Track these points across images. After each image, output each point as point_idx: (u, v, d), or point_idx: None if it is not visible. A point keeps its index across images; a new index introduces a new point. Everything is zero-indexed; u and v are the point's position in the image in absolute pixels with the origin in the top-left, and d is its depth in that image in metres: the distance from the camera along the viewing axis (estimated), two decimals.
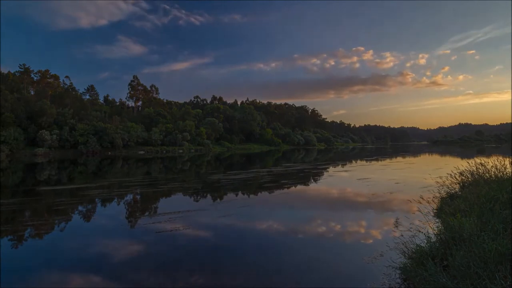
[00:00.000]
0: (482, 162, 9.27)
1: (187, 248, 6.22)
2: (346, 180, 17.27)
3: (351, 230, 7.39)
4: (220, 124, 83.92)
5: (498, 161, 8.84)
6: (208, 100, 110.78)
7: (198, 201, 11.45)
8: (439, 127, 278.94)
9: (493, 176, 7.85)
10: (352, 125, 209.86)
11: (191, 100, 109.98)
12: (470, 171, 9.28)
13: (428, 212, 7.45)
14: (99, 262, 5.44)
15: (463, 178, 9.37)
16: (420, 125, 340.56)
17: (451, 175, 9.66)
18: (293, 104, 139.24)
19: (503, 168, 8.07)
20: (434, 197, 9.40)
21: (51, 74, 73.97)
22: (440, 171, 14.09)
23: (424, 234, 5.06)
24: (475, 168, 9.16)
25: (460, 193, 8.51)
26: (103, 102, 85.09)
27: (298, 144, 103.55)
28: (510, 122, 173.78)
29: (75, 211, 9.67)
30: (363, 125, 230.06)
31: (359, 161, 34.76)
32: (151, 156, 45.94)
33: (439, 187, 10.10)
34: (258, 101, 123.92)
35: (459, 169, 9.73)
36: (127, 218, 8.83)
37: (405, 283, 4.27)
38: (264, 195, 12.45)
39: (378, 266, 4.94)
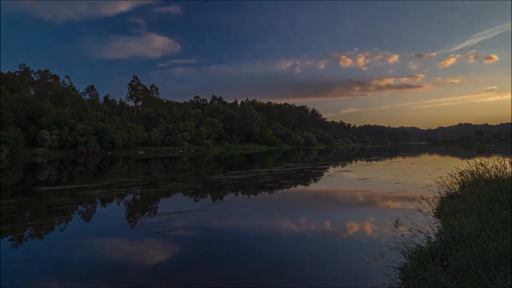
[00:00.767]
0: (482, 162, 9.25)
1: (187, 248, 6.22)
2: (346, 180, 17.27)
3: (351, 230, 7.40)
4: (220, 124, 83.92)
5: (498, 161, 8.83)
6: (208, 100, 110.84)
7: (198, 201, 11.45)
8: (439, 127, 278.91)
9: (493, 176, 7.83)
10: (352, 125, 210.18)
11: (191, 100, 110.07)
12: (470, 171, 9.26)
13: (428, 212, 7.45)
14: (99, 262, 5.44)
15: (463, 178, 9.34)
16: (420, 125, 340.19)
17: (451, 175, 9.64)
18: (293, 104, 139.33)
19: (503, 168, 8.06)
20: (434, 197, 9.40)
21: (51, 74, 73.99)
22: (440, 171, 14.09)
23: (424, 234, 5.06)
24: (475, 168, 9.14)
25: (460, 193, 8.50)
26: (103, 102, 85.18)
27: (298, 144, 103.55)
28: (510, 122, 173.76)
29: (75, 211, 9.67)
30: (363, 125, 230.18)
31: (359, 161, 34.76)
32: (151, 156, 45.95)
33: (439, 187, 10.09)
34: (258, 101, 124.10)
35: (459, 169, 9.71)
36: (127, 218, 8.83)
37: (405, 283, 4.27)
38: (264, 195, 12.45)
39: (378, 266, 4.94)
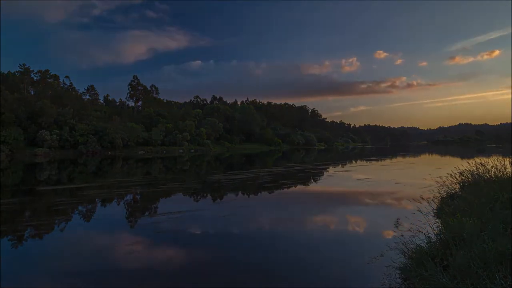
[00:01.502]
0: (482, 162, 9.24)
1: (187, 248, 6.22)
2: (346, 180, 17.27)
3: (351, 230, 7.40)
4: (220, 124, 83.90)
5: (498, 161, 8.82)
6: (208, 100, 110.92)
7: (198, 201, 11.45)
8: (439, 127, 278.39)
9: (493, 176, 7.83)
10: (352, 125, 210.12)
11: (191, 100, 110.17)
12: (470, 171, 9.24)
13: (428, 212, 7.44)
14: (99, 262, 5.43)
15: (463, 178, 9.33)
16: (420, 125, 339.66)
17: (451, 175, 9.64)
18: (293, 104, 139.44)
19: (503, 168, 8.05)
20: (434, 197, 9.38)
21: (51, 74, 73.89)
22: (440, 171, 14.08)
23: (424, 234, 5.05)
24: (475, 168, 9.13)
25: (460, 193, 8.49)
26: (103, 102, 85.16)
27: (298, 144, 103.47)
28: (510, 122, 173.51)
29: (75, 211, 9.67)
30: (363, 125, 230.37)
31: (359, 161, 34.76)
32: (151, 156, 45.94)
33: (439, 187, 10.08)
34: (258, 101, 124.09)
35: (459, 169, 9.70)
36: (126, 218, 8.83)
37: (405, 283, 4.27)
38: (264, 195, 12.45)
39: (378, 266, 4.93)
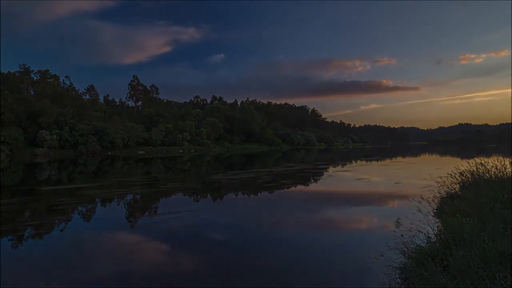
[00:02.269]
0: (482, 162, 9.24)
1: (186, 248, 6.22)
2: (346, 180, 17.27)
3: (351, 230, 7.39)
4: (220, 124, 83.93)
5: (498, 161, 8.81)
6: (208, 100, 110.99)
7: (198, 201, 11.45)
8: (439, 127, 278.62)
9: (493, 176, 7.83)
10: (352, 125, 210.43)
11: (191, 100, 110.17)
12: (470, 171, 9.24)
13: (428, 212, 7.43)
14: (98, 262, 5.43)
15: (463, 178, 9.33)
16: (420, 125, 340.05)
17: (451, 175, 9.63)
18: (293, 104, 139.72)
19: (503, 168, 8.04)
20: (434, 197, 9.37)
21: (51, 74, 73.92)
22: (440, 171, 14.08)
23: (424, 234, 5.04)
24: (475, 168, 9.12)
25: (460, 193, 8.48)
26: (103, 102, 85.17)
27: (298, 144, 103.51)
28: (510, 122, 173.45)
29: (75, 211, 9.67)
30: (363, 125, 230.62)
31: (359, 161, 34.76)
32: (151, 156, 45.94)
33: (439, 187, 10.07)
34: (258, 101, 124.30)
35: (459, 169, 9.70)
36: (127, 218, 8.83)
37: (405, 283, 4.26)
38: (264, 195, 12.45)
39: (378, 266, 4.93)
